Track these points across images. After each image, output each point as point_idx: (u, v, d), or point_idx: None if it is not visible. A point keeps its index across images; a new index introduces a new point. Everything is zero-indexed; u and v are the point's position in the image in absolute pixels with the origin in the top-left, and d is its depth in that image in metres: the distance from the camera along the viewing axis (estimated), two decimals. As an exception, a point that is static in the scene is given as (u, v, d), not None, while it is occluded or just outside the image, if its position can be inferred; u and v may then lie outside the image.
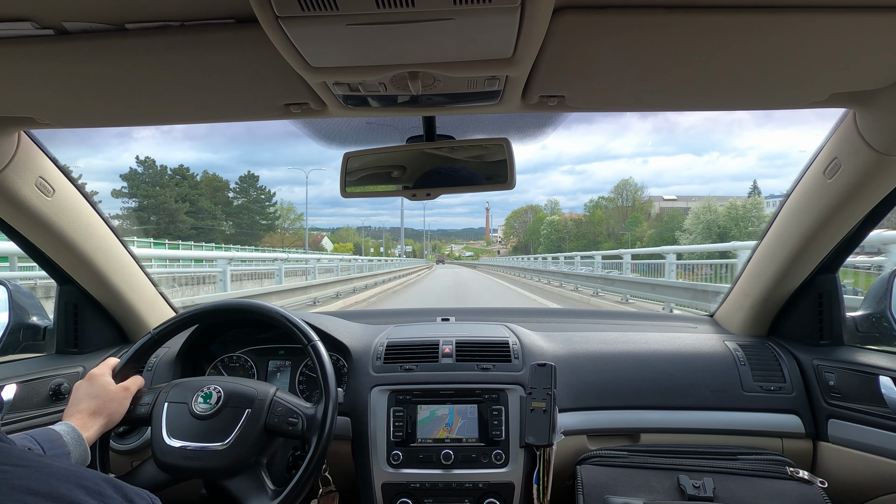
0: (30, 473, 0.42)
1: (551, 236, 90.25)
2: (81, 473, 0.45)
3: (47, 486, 0.41)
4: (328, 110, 0.92)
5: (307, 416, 1.04)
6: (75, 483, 0.43)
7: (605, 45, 0.72)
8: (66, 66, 0.76)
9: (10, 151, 1.05)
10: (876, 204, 1.11)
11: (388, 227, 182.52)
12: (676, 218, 65.10)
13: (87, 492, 0.43)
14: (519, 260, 39.74)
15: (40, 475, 0.43)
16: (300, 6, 0.56)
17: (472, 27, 0.62)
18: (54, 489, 0.41)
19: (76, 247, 1.26)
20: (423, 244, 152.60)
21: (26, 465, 0.43)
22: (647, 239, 65.42)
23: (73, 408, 0.98)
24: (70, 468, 0.46)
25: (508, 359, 1.30)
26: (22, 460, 0.44)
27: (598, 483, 1.15)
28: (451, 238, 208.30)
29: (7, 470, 0.42)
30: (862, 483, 1.16)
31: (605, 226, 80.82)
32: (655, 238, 61.80)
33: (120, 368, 1.08)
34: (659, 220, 73.21)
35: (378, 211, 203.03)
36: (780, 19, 0.66)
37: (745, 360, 1.34)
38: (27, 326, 1.33)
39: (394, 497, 1.19)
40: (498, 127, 1.17)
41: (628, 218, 76.77)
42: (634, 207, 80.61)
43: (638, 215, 77.27)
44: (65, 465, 0.47)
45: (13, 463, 0.44)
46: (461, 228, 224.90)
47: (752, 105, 0.94)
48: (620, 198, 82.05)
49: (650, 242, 58.23)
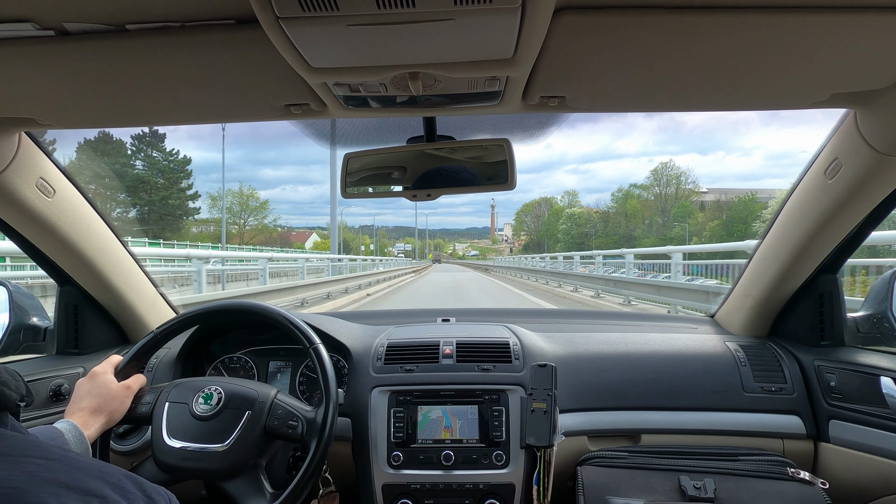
0: (60, 467, 0.44)
1: (571, 231, 78.50)
2: (105, 468, 0.47)
3: (76, 480, 0.43)
4: (328, 111, 0.92)
5: (307, 420, 1.04)
6: (101, 478, 0.44)
7: (606, 46, 0.72)
8: (67, 67, 0.76)
9: (11, 152, 1.05)
10: (877, 204, 1.11)
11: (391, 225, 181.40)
12: (747, 206, 51.99)
13: (112, 487, 0.44)
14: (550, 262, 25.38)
15: (70, 469, 0.44)
16: (301, 7, 0.56)
17: (472, 28, 0.62)
18: (83, 483, 0.43)
19: (77, 247, 1.26)
20: (424, 242, 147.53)
21: (57, 459, 0.45)
22: (709, 233, 53.64)
23: (75, 405, 0.99)
24: (94, 462, 0.47)
25: (509, 359, 1.30)
26: (52, 454, 0.46)
27: (599, 484, 1.15)
28: (455, 237, 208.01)
29: (39, 463, 0.44)
30: (863, 484, 1.16)
31: (640, 218, 68.55)
32: (721, 231, 51.68)
33: (122, 367, 1.08)
34: (720, 209, 60.23)
35: (382, 210, 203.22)
36: (780, 19, 0.66)
37: (746, 361, 1.34)
38: (27, 327, 1.33)
39: (394, 498, 1.19)
40: (498, 127, 1.17)
41: (674, 208, 64.70)
42: (678, 196, 67.73)
43: (686, 204, 65.32)
44: (89, 459, 0.49)
45: (44, 456, 0.45)
46: (465, 228, 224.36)
47: (752, 105, 0.94)
48: (658, 185, 68.72)
49: (715, 237, 48.75)
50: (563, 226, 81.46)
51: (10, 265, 7.05)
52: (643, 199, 70.46)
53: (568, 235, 78.41)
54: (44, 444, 0.48)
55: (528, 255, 45.59)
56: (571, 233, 77.82)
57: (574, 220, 79.94)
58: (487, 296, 16.31)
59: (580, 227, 77.80)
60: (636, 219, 69.52)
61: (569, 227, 79.54)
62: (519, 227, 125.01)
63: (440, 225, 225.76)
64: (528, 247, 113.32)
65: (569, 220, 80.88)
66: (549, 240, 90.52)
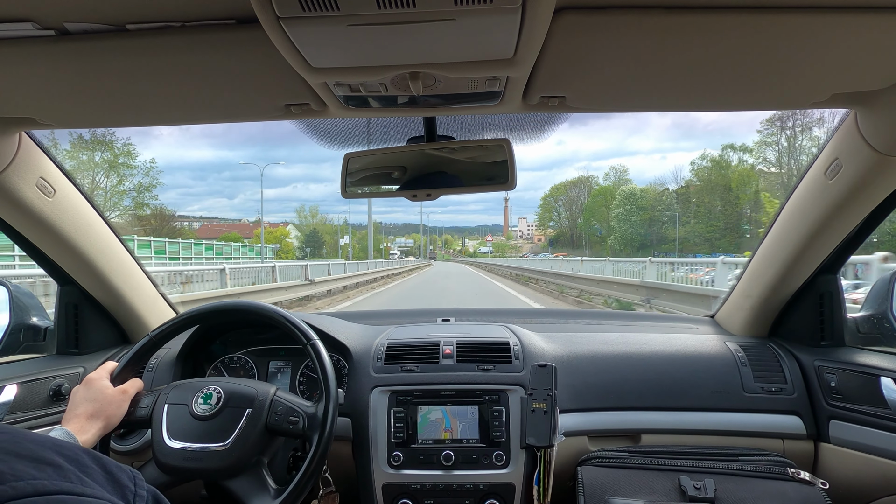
0: (8, 438, 0.43)
1: (632, 217, 54.64)
2: (60, 443, 0.45)
3: (26, 449, 0.42)
4: (329, 111, 0.92)
5: (308, 415, 1.04)
6: (54, 450, 0.43)
7: (606, 46, 0.72)
8: (67, 67, 0.76)
9: (11, 152, 1.05)
10: (877, 205, 1.11)
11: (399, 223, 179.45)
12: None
13: (66, 459, 0.43)
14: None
15: (20, 439, 0.43)
16: (301, 7, 0.56)
17: (472, 28, 0.62)
18: (34, 452, 0.42)
19: (77, 247, 1.26)
20: (430, 238, 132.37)
21: (6, 432, 0.44)
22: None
23: (71, 412, 0.98)
24: (49, 438, 0.46)
25: (509, 359, 1.30)
26: (2, 428, 0.45)
27: (599, 484, 1.15)
28: (465, 234, 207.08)
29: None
30: (863, 484, 1.16)
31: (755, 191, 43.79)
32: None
33: (118, 372, 1.08)
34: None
35: (393, 208, 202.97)
36: (780, 19, 0.66)
37: (746, 361, 1.34)
38: (28, 327, 1.33)
39: (394, 498, 1.19)
40: (498, 127, 1.17)
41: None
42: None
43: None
44: (43, 435, 0.47)
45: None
46: (475, 225, 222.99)
47: (752, 105, 0.94)
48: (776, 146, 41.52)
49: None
50: (619, 210, 56.64)
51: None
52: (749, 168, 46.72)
53: (627, 223, 54.82)
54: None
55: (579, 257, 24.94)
56: (632, 219, 54.39)
57: (635, 202, 55.48)
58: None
59: (645, 212, 54.32)
60: (746, 192, 44.22)
61: (626, 211, 55.51)
62: (546, 217, 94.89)
63: (450, 223, 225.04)
64: (558, 242, 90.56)
65: (627, 200, 56.06)
66: (586, 231, 67.16)
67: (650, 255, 16.33)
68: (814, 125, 41.68)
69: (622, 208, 56.65)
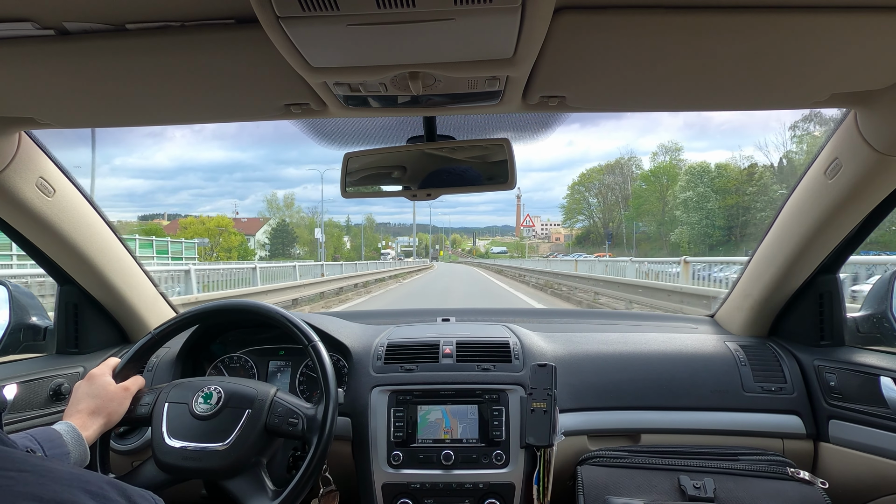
0: (34, 479, 0.42)
1: (706, 203, 40.16)
2: (85, 477, 0.45)
3: (51, 491, 0.41)
4: (328, 110, 0.92)
5: (307, 417, 1.04)
6: (80, 487, 0.43)
7: (606, 45, 0.72)
8: (67, 67, 0.76)
9: (11, 152, 1.05)
10: (877, 204, 1.11)
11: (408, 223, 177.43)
12: None
13: (92, 496, 0.43)
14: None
15: (45, 480, 0.42)
16: (301, 6, 0.56)
17: (472, 27, 0.62)
18: (58, 495, 0.41)
19: (77, 247, 1.26)
20: (433, 238, 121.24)
21: (30, 471, 0.43)
22: None
23: (73, 407, 0.99)
24: (73, 471, 0.46)
25: (509, 359, 1.30)
26: (25, 465, 0.44)
27: (599, 483, 1.15)
28: (475, 234, 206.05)
29: (12, 476, 0.42)
30: (863, 484, 1.16)
31: None
32: None
33: (120, 369, 1.08)
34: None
35: (402, 209, 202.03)
36: (780, 19, 0.66)
37: (746, 361, 1.34)
38: (27, 326, 1.33)
39: (394, 497, 1.19)
40: (498, 127, 1.17)
41: None
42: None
43: None
44: (68, 468, 0.47)
45: (17, 468, 0.43)
46: (484, 226, 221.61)
47: (752, 105, 0.94)
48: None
49: None
50: (686, 194, 41.53)
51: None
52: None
53: (700, 212, 40.22)
54: (19, 456, 0.46)
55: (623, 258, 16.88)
56: (706, 205, 39.99)
57: (710, 182, 40.89)
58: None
59: (729, 195, 39.94)
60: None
61: (699, 195, 40.63)
62: (574, 209, 73.13)
63: (460, 223, 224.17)
64: (586, 240, 72.10)
65: (697, 180, 41.19)
66: (629, 226, 52.43)
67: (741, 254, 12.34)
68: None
69: (691, 191, 41.62)
